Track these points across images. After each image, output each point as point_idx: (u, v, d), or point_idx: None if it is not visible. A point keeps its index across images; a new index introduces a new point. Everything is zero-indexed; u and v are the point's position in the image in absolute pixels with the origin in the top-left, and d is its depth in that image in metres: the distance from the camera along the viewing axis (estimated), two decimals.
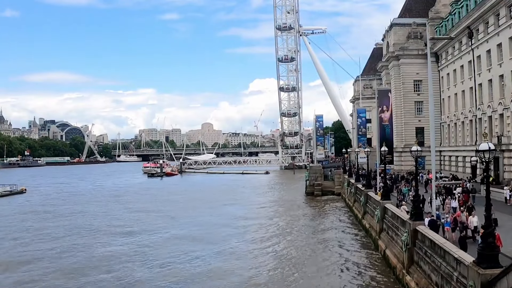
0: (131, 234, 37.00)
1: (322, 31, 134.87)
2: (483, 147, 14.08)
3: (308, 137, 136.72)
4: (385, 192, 30.30)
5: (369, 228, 33.01)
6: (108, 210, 52.35)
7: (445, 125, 56.26)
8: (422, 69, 56.67)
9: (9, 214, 49.66)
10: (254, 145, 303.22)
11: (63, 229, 39.48)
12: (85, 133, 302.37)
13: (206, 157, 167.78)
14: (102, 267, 26.87)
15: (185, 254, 29.61)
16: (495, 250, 13.59)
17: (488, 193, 14.63)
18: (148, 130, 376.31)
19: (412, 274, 19.85)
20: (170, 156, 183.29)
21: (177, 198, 64.21)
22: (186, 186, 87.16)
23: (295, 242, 33.24)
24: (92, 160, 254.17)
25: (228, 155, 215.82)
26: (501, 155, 37.60)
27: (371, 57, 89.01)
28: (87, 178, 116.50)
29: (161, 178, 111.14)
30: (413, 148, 23.80)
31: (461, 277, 14.70)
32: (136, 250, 31.33)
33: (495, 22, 40.57)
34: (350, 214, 44.19)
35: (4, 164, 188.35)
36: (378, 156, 40.87)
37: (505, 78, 39.09)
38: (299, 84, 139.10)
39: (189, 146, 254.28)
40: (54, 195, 70.83)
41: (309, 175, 64.02)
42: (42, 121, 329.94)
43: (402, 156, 58.50)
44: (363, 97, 75.28)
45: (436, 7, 60.33)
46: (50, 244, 33.39)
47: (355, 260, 27.03)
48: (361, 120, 60.42)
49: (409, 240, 20.51)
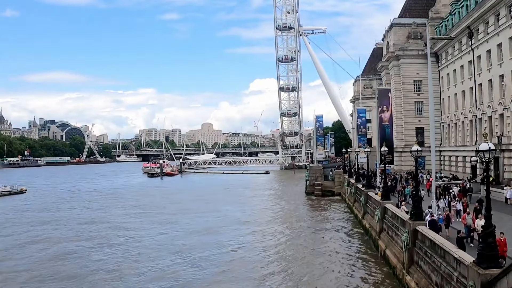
0: (130, 235, 36.93)
1: (322, 31, 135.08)
2: (483, 147, 14.09)
3: (308, 137, 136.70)
4: (385, 192, 30.31)
5: (369, 228, 33.02)
6: (107, 210, 52.32)
7: (445, 125, 56.25)
8: (422, 69, 56.70)
9: (9, 215, 49.62)
10: (254, 145, 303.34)
11: (61, 230, 39.46)
12: (85, 133, 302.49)
13: (206, 157, 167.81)
14: (100, 268, 26.87)
15: (186, 255, 29.61)
16: (495, 250, 13.59)
17: (488, 193, 14.64)
18: (148, 130, 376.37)
19: (412, 274, 19.85)
20: (170, 156, 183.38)
21: (177, 198, 64.12)
22: (186, 187, 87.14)
23: (294, 242, 33.26)
24: (92, 160, 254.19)
25: (228, 155, 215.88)
26: (501, 155, 37.58)
27: (371, 57, 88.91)
28: (87, 178, 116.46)
29: (161, 178, 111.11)
30: (413, 148, 23.83)
31: (461, 277, 14.70)
32: (136, 250, 31.33)
33: (495, 22, 40.55)
34: (350, 214, 44.21)
35: (4, 164, 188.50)
36: (378, 156, 40.93)
37: (505, 78, 39.07)
38: (299, 84, 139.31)
39: (189, 146, 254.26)
40: (53, 195, 70.79)
41: (309, 175, 64.08)
42: (42, 121, 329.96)
43: (402, 156, 58.51)
44: (363, 97, 75.27)
45: (436, 7, 60.33)
46: (48, 245, 33.42)
47: (355, 260, 27.05)
48: (361, 120, 60.42)
49: (409, 240, 20.51)
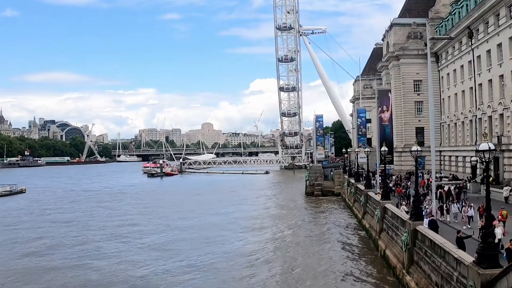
0: (130, 236, 36.95)
1: (322, 31, 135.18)
2: (483, 147, 14.09)
3: (308, 137, 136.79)
4: (385, 192, 30.30)
5: (369, 228, 33.02)
6: (107, 211, 52.35)
7: (445, 125, 56.23)
8: (422, 69, 56.66)
9: (9, 214, 49.63)
10: (254, 145, 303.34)
11: (60, 231, 39.38)
12: (85, 133, 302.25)
13: (206, 157, 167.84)
14: (99, 269, 26.87)
15: (186, 256, 29.61)
16: (495, 250, 13.59)
17: (488, 193, 14.64)
18: (148, 130, 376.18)
19: (412, 274, 19.85)
20: (170, 156, 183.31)
21: (176, 199, 64.16)
22: (186, 187, 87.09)
23: (294, 242, 33.28)
24: (92, 160, 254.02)
25: (228, 155, 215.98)
26: (501, 155, 37.57)
27: (371, 57, 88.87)
28: (87, 178, 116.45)
29: (161, 178, 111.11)
30: (413, 148, 23.84)
31: (461, 277, 14.70)
32: (135, 251, 31.33)
33: (495, 22, 40.54)
34: (350, 214, 44.21)
35: (4, 164, 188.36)
36: (378, 156, 40.90)
37: (505, 78, 39.05)
38: (299, 84, 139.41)
39: (189, 146, 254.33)
40: (54, 195, 70.81)
41: (309, 175, 64.05)
42: (42, 121, 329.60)
43: (402, 156, 58.47)
44: (363, 97, 75.28)
45: (436, 7, 60.30)
46: (45, 244, 33.38)
47: (355, 260, 27.06)
48: (361, 120, 60.39)
49: (409, 240, 20.52)
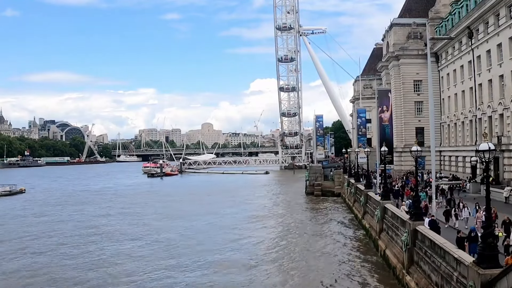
0: (129, 236, 36.91)
1: (322, 31, 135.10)
2: (483, 147, 14.09)
3: (308, 137, 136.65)
4: (385, 192, 30.30)
5: (369, 228, 33.01)
6: (107, 211, 52.28)
7: (445, 125, 56.24)
8: (422, 69, 56.65)
9: (9, 214, 49.63)
10: (254, 145, 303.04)
11: (59, 231, 39.39)
12: (85, 133, 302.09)
13: (206, 157, 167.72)
14: (98, 270, 26.86)
15: (186, 257, 29.58)
16: (495, 250, 13.59)
17: (488, 193, 14.64)
18: (148, 130, 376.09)
19: (412, 274, 19.84)
20: (170, 156, 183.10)
21: (176, 199, 64.12)
22: (186, 187, 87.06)
23: (294, 242, 33.27)
24: (92, 160, 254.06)
25: (228, 155, 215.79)
26: (501, 155, 37.59)
27: (371, 57, 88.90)
28: (87, 178, 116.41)
29: (161, 178, 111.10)
30: (413, 148, 23.85)
31: (461, 277, 14.70)
32: (134, 252, 31.32)
33: (495, 22, 40.54)
34: (350, 214, 44.19)
35: (4, 164, 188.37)
36: (378, 156, 40.91)
37: (505, 78, 39.07)
38: (299, 84, 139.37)
39: (189, 146, 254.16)
40: (53, 195, 70.76)
41: (309, 175, 64.04)
42: (42, 121, 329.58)
43: (402, 156, 58.47)
44: (363, 97, 75.30)
45: (436, 7, 60.31)
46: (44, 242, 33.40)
47: (355, 260, 27.04)
48: (361, 120, 60.38)
49: (409, 240, 20.51)
